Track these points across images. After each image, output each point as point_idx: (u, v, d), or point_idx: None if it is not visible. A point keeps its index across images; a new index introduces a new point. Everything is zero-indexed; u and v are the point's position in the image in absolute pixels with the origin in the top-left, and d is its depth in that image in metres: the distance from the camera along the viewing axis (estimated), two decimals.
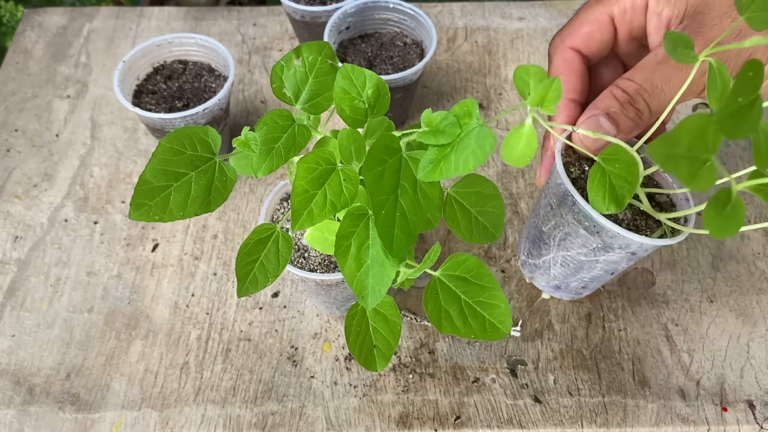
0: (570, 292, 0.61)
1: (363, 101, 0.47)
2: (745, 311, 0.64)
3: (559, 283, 0.60)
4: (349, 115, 0.47)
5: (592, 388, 0.60)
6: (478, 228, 0.51)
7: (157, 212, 0.44)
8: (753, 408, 0.58)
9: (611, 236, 0.51)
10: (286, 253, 0.49)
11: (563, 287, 0.60)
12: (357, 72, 0.47)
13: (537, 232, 0.58)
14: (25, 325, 0.65)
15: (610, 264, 0.55)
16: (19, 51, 0.89)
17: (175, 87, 0.75)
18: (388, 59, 0.77)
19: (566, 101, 0.55)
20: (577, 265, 0.56)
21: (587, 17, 0.55)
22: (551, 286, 0.61)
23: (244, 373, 0.61)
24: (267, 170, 0.45)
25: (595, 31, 0.55)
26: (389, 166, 0.43)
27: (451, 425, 0.58)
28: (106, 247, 0.70)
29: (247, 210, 0.73)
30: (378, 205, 0.42)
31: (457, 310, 0.46)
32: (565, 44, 0.56)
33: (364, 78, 0.47)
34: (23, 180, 0.76)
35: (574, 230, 0.53)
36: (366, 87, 0.47)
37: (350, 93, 0.47)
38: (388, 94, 0.48)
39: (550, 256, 0.57)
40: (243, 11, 0.94)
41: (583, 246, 0.53)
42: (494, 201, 0.51)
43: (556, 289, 0.61)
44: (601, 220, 0.49)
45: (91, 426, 0.59)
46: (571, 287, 0.60)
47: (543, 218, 0.57)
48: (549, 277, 0.60)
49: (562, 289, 0.61)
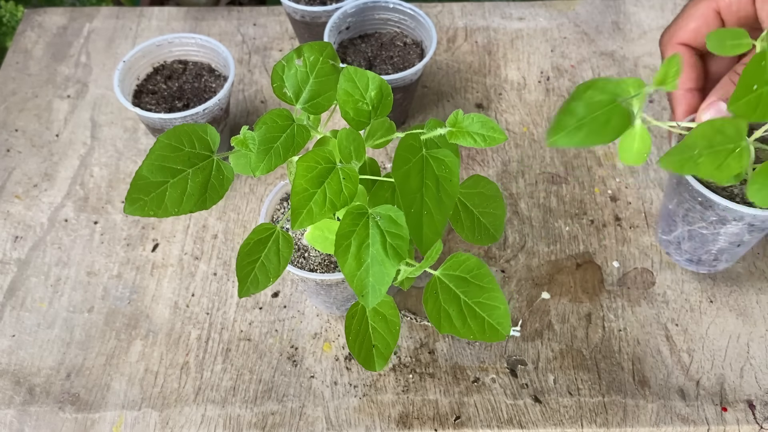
0: (704, 265, 0.63)
1: (366, 103, 0.47)
2: (745, 311, 0.64)
3: (691, 257, 0.63)
4: (353, 118, 0.47)
5: (592, 388, 0.60)
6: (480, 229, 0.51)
7: (152, 207, 0.44)
8: (753, 408, 0.58)
9: (723, 209, 0.54)
10: (287, 252, 0.49)
11: (695, 260, 0.63)
12: (360, 74, 0.47)
13: (666, 210, 0.63)
14: (25, 325, 0.65)
15: (732, 236, 0.57)
16: (19, 51, 0.89)
17: (175, 87, 0.75)
18: (388, 59, 0.77)
19: (684, 92, 0.57)
20: (702, 238, 0.59)
21: (693, 13, 0.57)
22: (685, 260, 0.64)
23: (244, 373, 0.61)
24: (265, 169, 0.45)
25: (702, 26, 0.57)
26: (413, 165, 0.43)
27: (451, 425, 0.58)
28: (106, 247, 0.70)
29: (247, 210, 0.73)
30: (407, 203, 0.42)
31: (457, 310, 0.46)
32: (673, 41, 0.58)
33: (367, 80, 0.47)
34: (23, 180, 0.76)
35: (692, 206, 0.57)
36: (369, 89, 0.47)
37: (353, 95, 0.47)
38: (390, 95, 0.48)
39: (678, 231, 0.61)
40: (243, 11, 0.94)
41: (701, 220, 0.57)
42: (496, 202, 0.52)
43: (689, 262, 0.64)
44: (710, 195, 0.53)
45: (91, 426, 0.59)
46: (703, 260, 0.62)
47: (668, 196, 0.61)
48: (681, 251, 0.63)
49: (695, 263, 0.63)
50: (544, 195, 0.73)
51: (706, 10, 0.57)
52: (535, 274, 0.67)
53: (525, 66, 0.86)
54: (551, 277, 0.67)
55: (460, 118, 0.47)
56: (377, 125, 0.49)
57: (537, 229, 0.70)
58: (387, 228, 0.44)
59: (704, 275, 0.66)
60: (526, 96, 0.82)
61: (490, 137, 0.47)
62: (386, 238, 0.44)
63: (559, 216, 0.71)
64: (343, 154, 0.46)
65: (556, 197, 0.73)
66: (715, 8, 0.56)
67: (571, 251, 0.69)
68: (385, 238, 0.44)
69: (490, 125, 0.47)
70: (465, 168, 0.75)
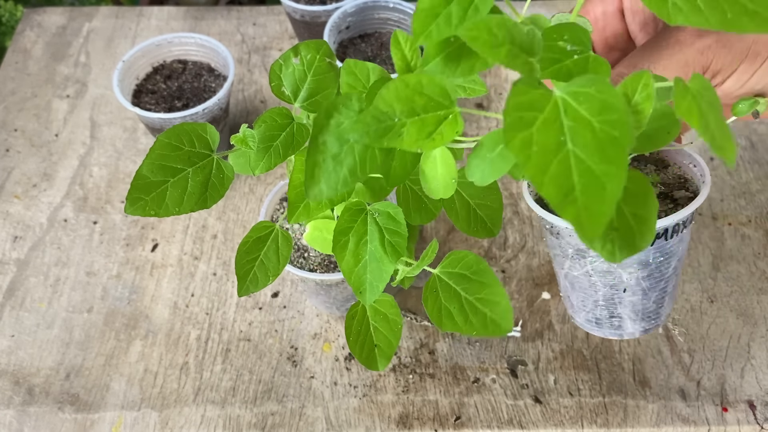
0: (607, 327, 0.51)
1: None
2: (746, 311, 0.64)
3: (587, 315, 0.52)
4: None
5: (592, 388, 0.60)
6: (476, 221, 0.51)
7: (153, 207, 0.44)
8: (753, 408, 0.58)
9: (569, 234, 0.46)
10: (286, 251, 0.49)
11: (593, 320, 0.52)
12: (360, 66, 0.47)
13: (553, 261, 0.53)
14: (24, 325, 0.65)
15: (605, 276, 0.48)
16: (19, 51, 0.89)
17: (174, 87, 0.75)
18: (388, 59, 0.77)
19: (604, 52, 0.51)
20: (579, 284, 0.50)
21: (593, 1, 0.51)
22: (584, 320, 0.52)
23: (244, 373, 0.61)
24: (264, 168, 0.45)
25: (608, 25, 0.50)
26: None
27: (451, 425, 0.58)
28: (105, 247, 0.70)
29: (246, 210, 0.73)
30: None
31: (458, 307, 0.46)
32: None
33: (368, 71, 0.47)
34: (23, 180, 0.76)
35: (550, 240, 0.49)
36: (370, 80, 0.47)
37: (356, 87, 0.47)
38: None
39: (561, 282, 0.52)
40: (243, 11, 0.93)
41: (563, 256, 0.48)
42: (493, 195, 0.51)
43: (591, 324, 0.52)
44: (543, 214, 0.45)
45: (91, 426, 0.58)
46: (600, 318, 0.51)
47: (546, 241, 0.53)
48: (575, 308, 0.52)
49: (595, 323, 0.52)
50: None
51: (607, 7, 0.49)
52: (535, 274, 0.67)
53: None
54: (552, 277, 0.67)
55: None
56: None
57: (537, 229, 0.70)
58: (385, 225, 0.44)
59: (705, 275, 0.66)
60: None
61: (470, 89, 0.46)
62: (384, 235, 0.44)
63: None
64: None
65: None
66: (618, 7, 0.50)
67: None
68: (384, 234, 0.44)
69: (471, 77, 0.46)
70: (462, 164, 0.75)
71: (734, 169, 0.75)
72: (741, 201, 0.71)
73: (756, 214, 0.71)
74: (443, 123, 0.34)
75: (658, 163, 0.51)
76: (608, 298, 0.49)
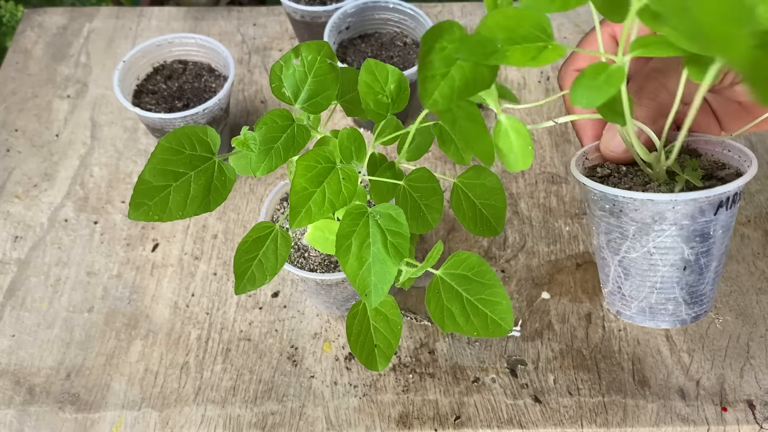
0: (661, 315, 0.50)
1: (386, 96, 0.48)
2: (745, 311, 0.64)
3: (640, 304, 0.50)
4: (373, 110, 0.48)
5: (592, 388, 0.60)
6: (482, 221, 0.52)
7: (156, 212, 0.44)
8: (753, 408, 0.58)
9: (634, 208, 0.46)
10: (285, 251, 0.49)
11: (647, 309, 0.50)
12: (380, 67, 0.47)
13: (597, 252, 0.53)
14: (25, 325, 0.65)
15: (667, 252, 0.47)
16: (19, 51, 0.89)
17: (175, 87, 0.75)
18: (388, 59, 0.77)
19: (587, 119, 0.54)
20: (636, 268, 0.49)
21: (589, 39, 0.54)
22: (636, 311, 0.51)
23: (244, 373, 0.61)
24: (266, 170, 0.45)
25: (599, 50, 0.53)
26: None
27: (451, 425, 0.58)
28: (106, 247, 0.70)
29: (247, 210, 0.73)
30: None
31: (460, 307, 0.46)
32: (572, 68, 0.55)
33: (387, 73, 0.48)
34: (23, 180, 0.76)
35: (607, 223, 0.49)
36: (389, 81, 0.48)
37: (374, 87, 0.47)
38: (408, 89, 0.49)
39: (612, 270, 0.51)
40: (243, 11, 0.94)
41: (622, 237, 0.48)
42: (497, 195, 0.52)
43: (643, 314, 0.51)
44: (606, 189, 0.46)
45: (91, 426, 0.59)
46: (655, 306, 0.50)
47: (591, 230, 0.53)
48: (626, 299, 0.51)
49: (649, 313, 0.50)
50: (544, 195, 0.73)
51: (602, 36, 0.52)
52: (535, 274, 0.67)
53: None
54: (551, 277, 0.67)
55: None
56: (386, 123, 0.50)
57: (537, 229, 0.70)
58: (387, 226, 0.44)
59: None
60: (526, 96, 0.82)
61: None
62: (387, 237, 0.44)
63: (559, 216, 0.71)
64: (343, 154, 0.46)
65: (556, 197, 0.73)
66: (611, 33, 0.53)
67: (571, 251, 0.69)
68: (386, 236, 0.44)
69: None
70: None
71: None
72: (740, 201, 0.71)
73: (755, 214, 0.71)
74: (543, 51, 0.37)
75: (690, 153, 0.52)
76: (666, 279, 0.48)
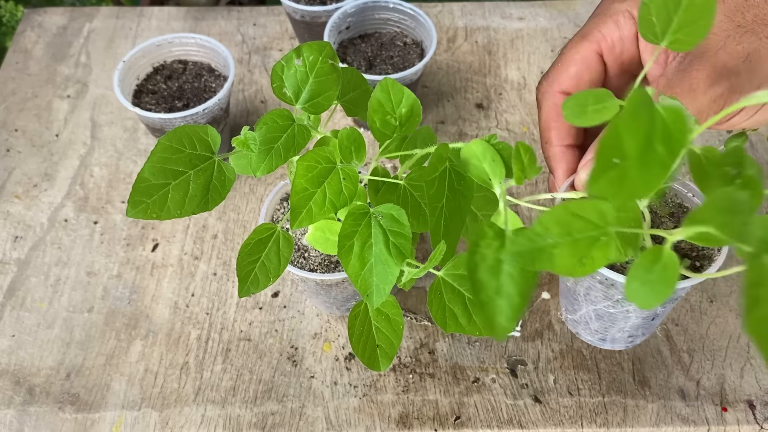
0: (619, 343, 0.57)
1: (395, 118, 0.48)
2: None
3: (603, 336, 0.56)
4: (378, 128, 0.48)
5: (592, 388, 0.60)
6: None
7: (154, 210, 0.44)
8: (753, 408, 0.58)
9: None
10: (287, 252, 0.49)
11: (609, 339, 0.57)
12: (396, 88, 0.47)
13: (565, 287, 0.57)
14: (25, 325, 0.65)
15: (644, 311, 0.50)
16: (19, 51, 0.89)
17: (175, 87, 0.75)
18: (388, 59, 0.77)
19: (563, 149, 0.53)
20: (610, 317, 0.52)
21: (573, 56, 0.52)
22: (597, 339, 0.58)
23: (244, 373, 0.61)
24: (266, 170, 0.45)
25: (584, 70, 0.51)
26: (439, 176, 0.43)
27: (451, 425, 0.58)
28: (106, 247, 0.70)
29: (247, 210, 0.73)
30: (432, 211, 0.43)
31: (462, 308, 0.46)
32: (553, 89, 0.53)
33: (402, 96, 0.47)
34: (23, 180, 0.76)
35: (591, 284, 0.50)
36: (402, 105, 0.48)
37: (385, 107, 0.47)
38: (420, 115, 0.48)
39: (582, 311, 0.55)
40: (243, 11, 0.94)
41: (606, 299, 0.50)
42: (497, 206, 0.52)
43: (603, 341, 0.58)
44: (609, 274, 0.47)
45: (91, 426, 0.59)
46: (617, 338, 0.56)
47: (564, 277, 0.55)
48: (591, 331, 0.57)
49: (608, 341, 0.57)
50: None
51: (587, 53, 0.51)
52: None
53: (525, 66, 0.86)
54: (551, 277, 0.67)
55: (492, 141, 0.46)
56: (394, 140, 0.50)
57: None
58: (389, 227, 0.44)
59: None
60: (527, 96, 0.82)
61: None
62: (389, 237, 0.44)
63: None
64: (343, 154, 0.46)
65: None
66: (597, 50, 0.51)
67: None
68: (388, 237, 0.44)
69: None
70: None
71: None
72: None
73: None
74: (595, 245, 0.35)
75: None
76: (635, 325, 0.53)
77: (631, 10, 0.49)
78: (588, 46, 0.51)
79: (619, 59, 0.51)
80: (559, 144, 0.53)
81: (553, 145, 0.53)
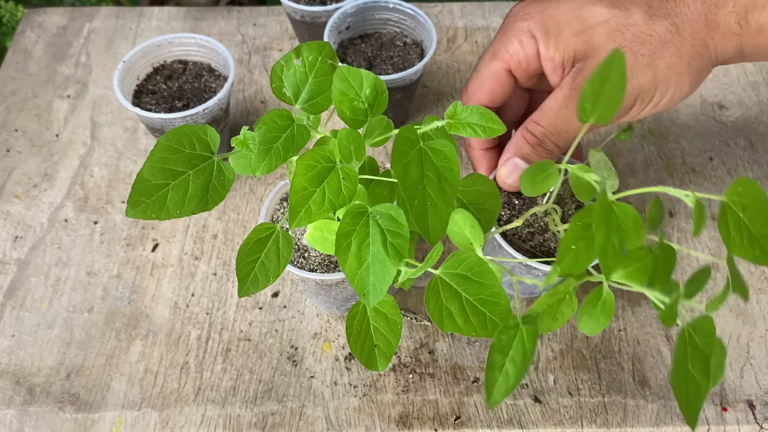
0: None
1: (362, 101, 0.47)
2: (745, 311, 0.64)
3: None
4: (349, 117, 0.47)
5: (592, 388, 0.60)
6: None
7: (154, 210, 0.44)
8: (753, 408, 0.58)
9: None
10: (287, 252, 0.49)
11: None
12: (353, 73, 0.47)
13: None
14: (25, 325, 0.65)
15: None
16: (19, 51, 0.89)
17: (175, 87, 0.75)
18: (388, 59, 0.77)
19: (482, 152, 0.61)
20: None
21: (486, 75, 0.58)
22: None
23: (244, 373, 0.61)
24: (265, 170, 0.45)
25: (497, 86, 0.58)
26: (412, 157, 0.44)
27: (451, 425, 0.58)
28: (106, 247, 0.70)
29: (247, 210, 0.73)
30: (409, 195, 0.43)
31: (458, 307, 0.46)
32: (472, 102, 0.59)
33: (361, 78, 0.47)
34: (23, 180, 0.76)
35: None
36: (364, 87, 0.47)
37: (348, 94, 0.47)
38: (385, 92, 0.48)
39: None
40: (243, 11, 0.94)
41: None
42: (492, 199, 0.52)
43: None
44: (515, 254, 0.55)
45: (91, 426, 0.59)
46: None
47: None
48: None
49: None
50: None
51: (497, 71, 0.58)
52: None
53: None
54: None
55: (459, 110, 0.48)
56: (375, 123, 0.49)
57: None
58: (387, 226, 0.44)
59: None
60: None
61: (489, 128, 0.48)
62: (386, 237, 0.44)
63: None
64: (343, 154, 0.46)
65: None
66: (506, 68, 0.57)
67: None
68: (386, 236, 0.44)
69: (489, 116, 0.48)
70: (465, 168, 0.75)
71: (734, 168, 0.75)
72: None
73: None
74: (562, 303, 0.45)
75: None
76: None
77: (531, 29, 0.55)
78: (498, 65, 0.57)
79: (526, 72, 0.58)
80: (479, 148, 0.61)
81: (474, 149, 0.61)
